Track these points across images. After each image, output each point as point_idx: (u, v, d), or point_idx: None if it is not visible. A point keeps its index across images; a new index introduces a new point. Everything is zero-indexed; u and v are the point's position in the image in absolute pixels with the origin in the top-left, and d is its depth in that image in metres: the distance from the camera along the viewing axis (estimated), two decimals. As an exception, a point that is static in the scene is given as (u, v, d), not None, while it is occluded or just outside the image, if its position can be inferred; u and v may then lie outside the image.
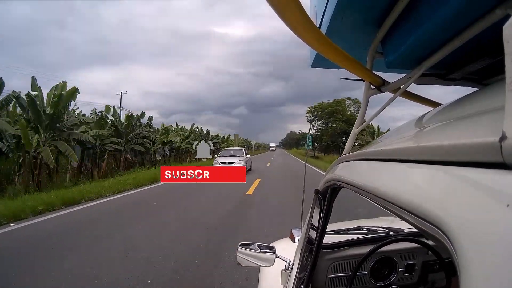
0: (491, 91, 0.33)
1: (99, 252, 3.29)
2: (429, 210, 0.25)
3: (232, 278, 2.63)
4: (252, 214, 5.08)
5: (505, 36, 0.19)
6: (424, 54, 0.47)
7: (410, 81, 0.52)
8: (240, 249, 1.15)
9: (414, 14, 0.44)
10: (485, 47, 0.42)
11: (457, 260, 0.20)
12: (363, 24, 0.55)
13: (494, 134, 0.20)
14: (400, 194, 0.31)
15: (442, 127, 0.34)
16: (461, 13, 0.36)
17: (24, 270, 2.82)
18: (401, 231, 1.19)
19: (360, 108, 0.68)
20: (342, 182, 0.57)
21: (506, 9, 0.31)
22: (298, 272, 0.90)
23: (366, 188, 0.42)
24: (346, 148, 0.73)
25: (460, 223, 0.21)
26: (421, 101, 0.70)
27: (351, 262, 1.08)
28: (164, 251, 3.27)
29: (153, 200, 6.51)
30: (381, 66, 0.59)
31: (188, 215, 5.07)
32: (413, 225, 0.30)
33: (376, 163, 0.43)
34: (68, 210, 5.48)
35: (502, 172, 0.19)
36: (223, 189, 7.31)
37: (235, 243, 1.67)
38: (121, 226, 4.38)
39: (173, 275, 2.71)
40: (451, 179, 0.25)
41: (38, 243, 3.64)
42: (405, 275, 1.07)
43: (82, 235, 3.94)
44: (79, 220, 4.77)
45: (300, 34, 0.44)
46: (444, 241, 0.23)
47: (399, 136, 0.47)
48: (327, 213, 0.76)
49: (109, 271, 2.78)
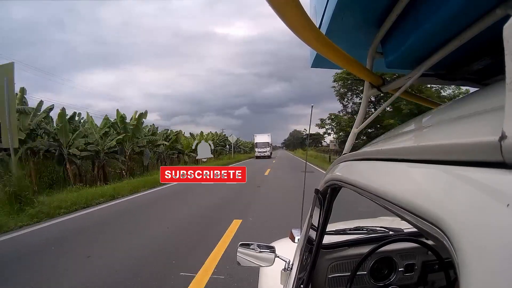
0: (491, 91, 0.33)
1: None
2: (429, 209, 0.25)
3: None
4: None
5: (505, 36, 0.19)
6: (424, 54, 0.47)
7: (410, 81, 0.52)
8: (239, 249, 1.15)
9: (414, 14, 0.44)
10: (485, 47, 0.42)
11: (456, 260, 0.20)
12: (363, 24, 0.55)
13: (494, 134, 0.20)
14: (400, 194, 0.31)
15: (442, 126, 0.34)
16: (461, 13, 0.36)
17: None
18: (401, 231, 1.19)
19: (360, 108, 0.68)
20: (342, 182, 0.57)
21: (506, 9, 0.31)
22: (298, 272, 0.90)
23: (366, 187, 0.42)
24: (346, 147, 0.73)
25: (460, 223, 0.21)
26: (421, 101, 0.70)
27: (351, 262, 1.08)
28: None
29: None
30: (381, 66, 0.59)
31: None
32: (413, 225, 0.30)
33: (376, 163, 0.43)
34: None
35: (502, 171, 0.19)
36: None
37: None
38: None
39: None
40: (451, 178, 0.25)
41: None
42: (404, 275, 1.07)
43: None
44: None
45: (300, 34, 0.44)
46: (443, 241, 0.23)
47: (399, 135, 0.47)
48: (327, 213, 0.76)
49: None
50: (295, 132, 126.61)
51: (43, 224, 4.72)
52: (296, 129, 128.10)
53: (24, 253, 3.38)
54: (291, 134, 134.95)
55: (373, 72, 0.59)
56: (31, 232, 4.29)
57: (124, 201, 6.83)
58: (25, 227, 4.53)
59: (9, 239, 4.00)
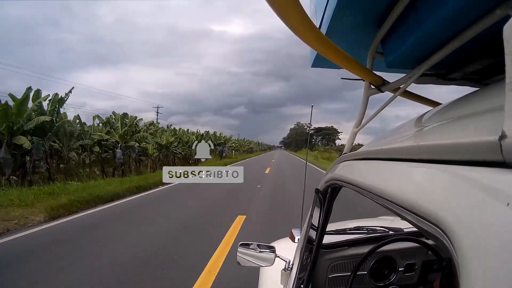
0: (491, 91, 0.33)
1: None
2: (429, 209, 0.25)
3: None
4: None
5: (505, 36, 0.19)
6: (424, 54, 0.47)
7: (410, 81, 0.52)
8: (240, 249, 1.15)
9: (414, 14, 0.44)
10: (485, 47, 0.42)
11: (457, 259, 0.20)
12: (363, 24, 0.55)
13: (494, 133, 0.20)
14: (400, 193, 0.31)
15: (442, 126, 0.34)
16: (461, 13, 0.36)
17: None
18: (401, 231, 1.19)
19: (360, 107, 0.67)
20: (343, 182, 0.57)
21: (506, 9, 0.31)
22: (298, 272, 0.90)
23: (366, 187, 0.42)
24: (346, 147, 0.73)
25: (460, 222, 0.21)
26: (421, 101, 0.70)
27: (351, 262, 1.08)
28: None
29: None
30: (381, 66, 0.59)
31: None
32: (413, 224, 0.30)
33: (376, 163, 0.44)
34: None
35: (502, 171, 0.19)
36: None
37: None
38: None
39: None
40: (451, 178, 0.25)
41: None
42: (405, 275, 1.07)
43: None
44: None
45: (300, 34, 0.44)
46: (444, 240, 0.23)
47: (399, 135, 0.47)
48: (327, 213, 0.76)
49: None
50: (297, 126, 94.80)
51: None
52: (300, 122, 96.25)
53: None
54: (293, 129, 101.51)
55: (373, 72, 0.59)
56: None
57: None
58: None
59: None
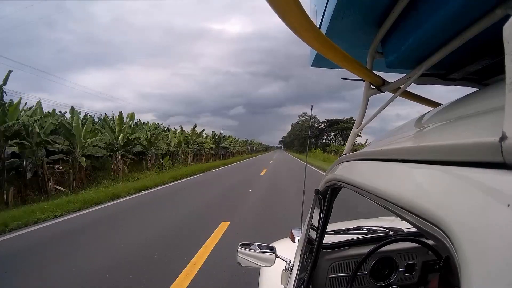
0: (491, 91, 0.33)
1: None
2: (429, 209, 0.25)
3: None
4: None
5: (505, 36, 0.19)
6: (424, 54, 0.47)
7: (410, 81, 0.52)
8: (240, 249, 1.15)
9: (414, 14, 0.44)
10: (485, 47, 0.42)
11: (457, 260, 0.20)
12: (363, 24, 0.55)
13: (494, 134, 0.20)
14: (401, 194, 0.31)
15: (442, 127, 0.34)
16: (461, 13, 0.36)
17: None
18: (401, 231, 1.19)
19: (360, 108, 0.67)
20: (343, 182, 0.57)
21: (506, 9, 0.31)
22: (299, 272, 0.90)
23: (366, 188, 0.42)
24: (346, 148, 0.73)
25: (461, 223, 0.21)
26: (421, 101, 0.70)
27: (351, 262, 1.08)
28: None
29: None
30: (381, 66, 0.59)
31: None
32: (413, 225, 0.30)
33: (376, 163, 0.43)
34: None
35: (502, 172, 0.19)
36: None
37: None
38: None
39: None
40: (452, 178, 0.25)
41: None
42: (405, 275, 1.07)
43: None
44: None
45: (300, 34, 0.44)
46: (444, 241, 0.23)
47: (399, 136, 0.47)
48: (327, 213, 0.76)
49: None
50: (303, 119, 75.04)
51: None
52: (306, 113, 74.39)
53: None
54: (294, 126, 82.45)
55: (373, 72, 0.59)
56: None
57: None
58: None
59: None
